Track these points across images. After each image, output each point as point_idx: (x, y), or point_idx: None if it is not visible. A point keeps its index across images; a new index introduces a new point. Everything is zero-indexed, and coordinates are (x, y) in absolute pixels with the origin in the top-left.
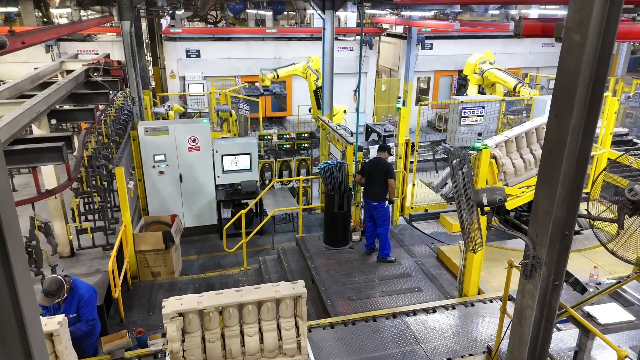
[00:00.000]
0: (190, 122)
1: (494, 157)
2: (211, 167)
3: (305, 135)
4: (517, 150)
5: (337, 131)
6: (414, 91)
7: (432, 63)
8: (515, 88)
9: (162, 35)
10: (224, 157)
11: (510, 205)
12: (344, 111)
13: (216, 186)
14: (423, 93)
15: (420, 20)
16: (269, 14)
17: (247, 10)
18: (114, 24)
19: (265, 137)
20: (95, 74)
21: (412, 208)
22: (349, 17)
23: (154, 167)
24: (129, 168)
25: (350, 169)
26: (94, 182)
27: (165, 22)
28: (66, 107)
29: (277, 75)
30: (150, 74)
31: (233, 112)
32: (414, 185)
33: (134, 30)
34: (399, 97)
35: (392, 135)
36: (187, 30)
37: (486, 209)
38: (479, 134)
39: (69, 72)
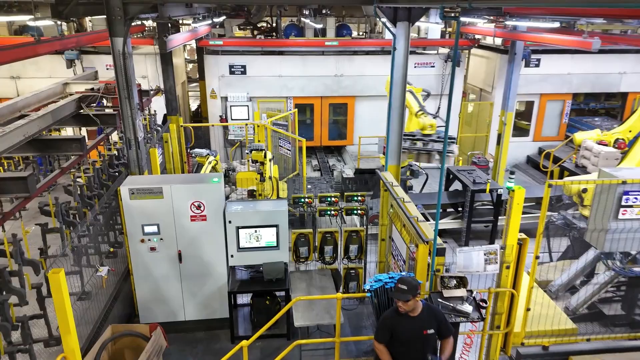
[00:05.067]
0: (193, 180)
1: None
2: (222, 243)
3: (360, 197)
4: None
5: (402, 206)
6: (512, 122)
7: (537, 84)
8: None
9: (204, 48)
10: (239, 230)
11: None
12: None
13: (229, 268)
14: (520, 117)
15: (531, 33)
16: (318, 26)
17: (303, 19)
18: (145, 35)
19: (302, 199)
20: (92, 105)
21: (522, 344)
22: (430, 27)
23: (142, 241)
24: (106, 241)
25: (422, 289)
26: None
27: (178, 38)
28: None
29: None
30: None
31: (268, 152)
32: (527, 310)
33: (158, 45)
34: (512, 175)
35: (484, 190)
36: (231, 42)
37: None
38: None
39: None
